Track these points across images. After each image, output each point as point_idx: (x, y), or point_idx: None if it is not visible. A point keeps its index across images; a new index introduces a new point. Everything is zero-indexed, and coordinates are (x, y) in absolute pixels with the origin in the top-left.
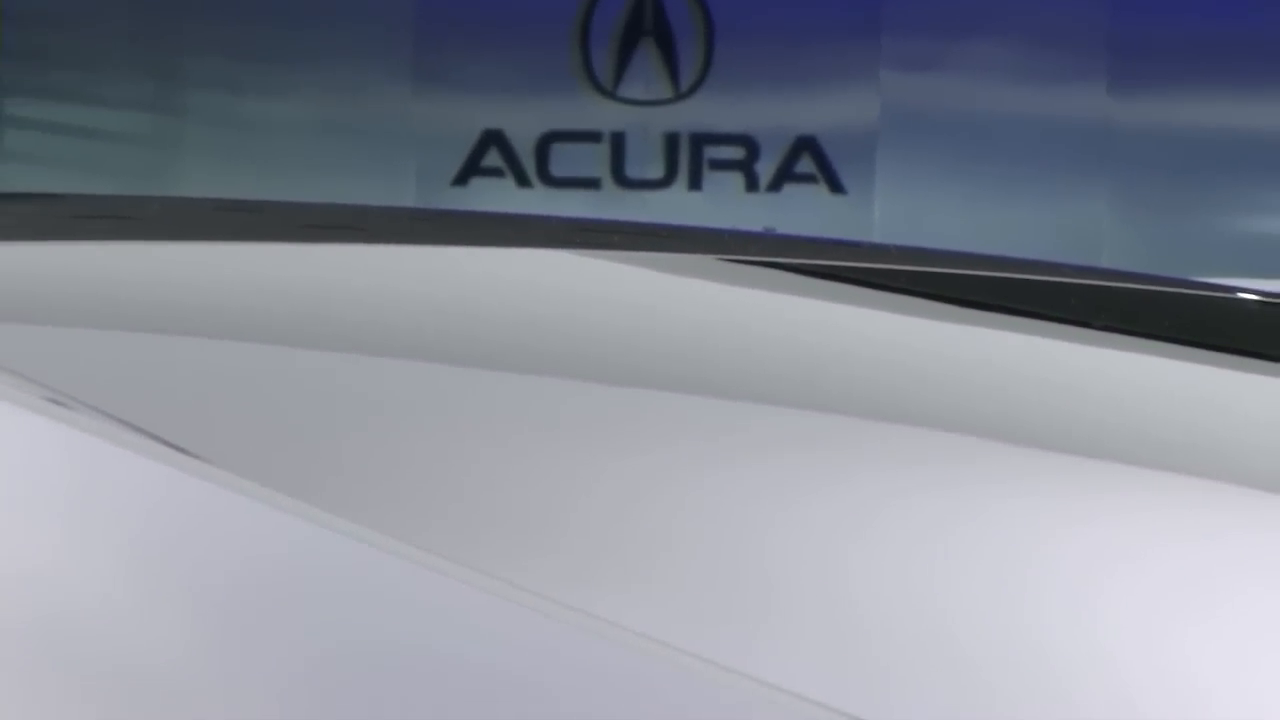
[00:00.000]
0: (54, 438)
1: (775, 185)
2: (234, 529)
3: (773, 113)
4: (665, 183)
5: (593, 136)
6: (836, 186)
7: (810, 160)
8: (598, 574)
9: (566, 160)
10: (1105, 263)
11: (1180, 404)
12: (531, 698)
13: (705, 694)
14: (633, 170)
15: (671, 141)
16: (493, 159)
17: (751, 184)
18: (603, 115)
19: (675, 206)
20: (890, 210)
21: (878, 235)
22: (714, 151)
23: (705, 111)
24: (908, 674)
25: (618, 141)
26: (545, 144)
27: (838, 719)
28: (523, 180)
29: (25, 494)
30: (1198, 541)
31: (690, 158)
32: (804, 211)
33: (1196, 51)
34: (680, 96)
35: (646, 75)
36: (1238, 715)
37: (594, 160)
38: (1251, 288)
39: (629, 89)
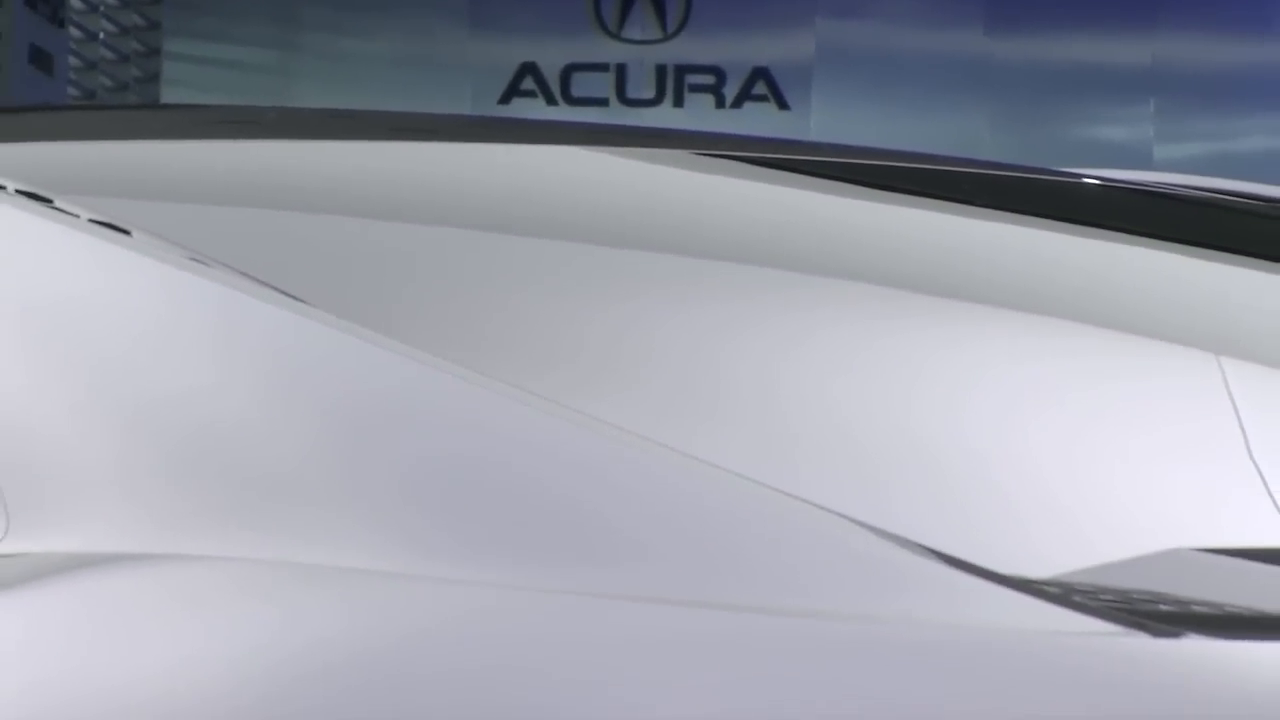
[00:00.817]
0: (193, 287)
1: (737, 103)
2: (344, 363)
3: (736, 50)
4: (656, 102)
5: (602, 67)
6: (783, 105)
7: (764, 85)
8: (608, 387)
9: (583, 85)
10: None
11: (1037, 262)
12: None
13: (684, 484)
14: (632, 92)
15: (661, 71)
16: (528, 84)
17: (720, 103)
18: (610, 51)
19: (663, 119)
20: (822, 122)
21: None
22: (692, 79)
23: (686, 49)
24: (828, 457)
25: (621, 71)
26: (567, 73)
27: (774, 495)
28: (550, 100)
29: (170, 334)
30: (1042, 359)
31: (674, 83)
32: (758, 122)
33: (1055, 2)
34: (668, 37)
35: (642, 22)
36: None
37: (603, 85)
38: (1093, 173)
39: (630, 32)
